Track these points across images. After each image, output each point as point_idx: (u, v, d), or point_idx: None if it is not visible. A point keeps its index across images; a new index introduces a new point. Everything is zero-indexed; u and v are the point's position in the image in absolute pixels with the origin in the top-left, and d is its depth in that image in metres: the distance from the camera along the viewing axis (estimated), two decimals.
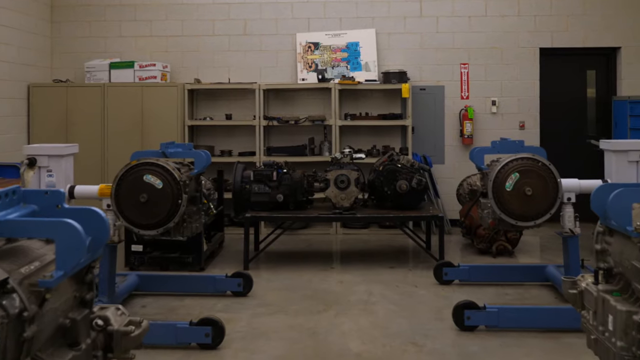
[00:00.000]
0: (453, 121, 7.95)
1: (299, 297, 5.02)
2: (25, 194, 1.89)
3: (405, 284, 5.38)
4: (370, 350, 3.90)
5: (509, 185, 4.27)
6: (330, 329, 4.27)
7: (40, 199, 1.88)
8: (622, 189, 2.23)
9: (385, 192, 6.04)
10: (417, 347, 3.94)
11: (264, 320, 4.45)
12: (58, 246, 1.68)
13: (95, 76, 7.70)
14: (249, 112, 7.85)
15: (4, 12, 7.04)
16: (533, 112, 7.94)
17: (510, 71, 7.95)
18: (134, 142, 7.37)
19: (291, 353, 3.85)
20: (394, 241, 7.12)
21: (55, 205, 1.86)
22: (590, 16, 7.92)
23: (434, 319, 4.44)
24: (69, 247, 1.68)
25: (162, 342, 3.86)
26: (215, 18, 8.09)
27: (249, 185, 6.01)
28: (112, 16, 8.13)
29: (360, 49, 7.92)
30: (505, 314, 4.18)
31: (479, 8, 7.95)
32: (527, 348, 3.88)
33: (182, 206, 4.03)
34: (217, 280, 4.99)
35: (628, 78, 7.93)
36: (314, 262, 6.19)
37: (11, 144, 7.21)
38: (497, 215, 4.43)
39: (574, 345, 3.88)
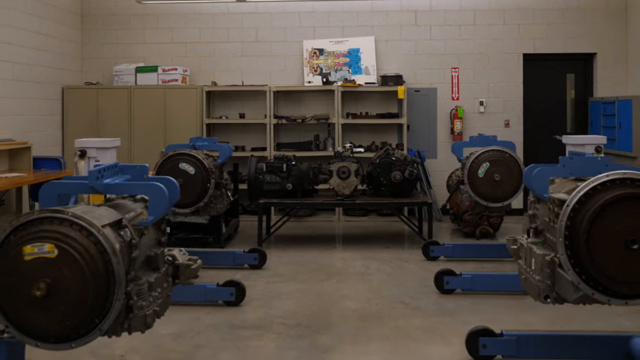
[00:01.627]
0: (445, 120, 8.79)
1: (306, 269, 5.88)
2: (122, 167, 2.74)
3: (398, 260, 6.24)
4: (365, 307, 4.75)
5: (480, 173, 5.13)
6: (332, 293, 5.13)
7: (132, 171, 2.73)
8: (541, 168, 3.07)
9: (381, 181, 6.90)
10: (404, 305, 4.79)
11: (277, 286, 5.31)
12: (150, 201, 2.53)
13: (122, 79, 8.58)
14: (260, 111, 8.71)
15: (41, 22, 7.91)
16: (517, 111, 8.78)
17: (497, 75, 8.78)
18: (158, 139, 8.25)
19: (300, 308, 4.71)
20: (390, 227, 7.97)
21: (142, 175, 2.71)
22: (569, 25, 8.75)
23: (419, 286, 5.29)
24: (157, 201, 2.52)
25: (194, 300, 4.72)
26: (230, 26, 8.95)
27: (262, 176, 6.87)
28: (136, 24, 9.01)
29: (361, 54, 8.77)
30: (477, 279, 5.02)
31: (468, 18, 8.78)
32: (493, 306, 4.72)
33: (210, 189, 4.90)
34: (236, 255, 5.85)
35: (603, 81, 8.77)
36: (319, 243, 7.05)
37: (48, 140, 8.09)
38: (472, 198, 5.28)
39: (531, 304, 4.68)
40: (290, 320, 4.45)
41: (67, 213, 2.14)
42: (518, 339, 3.67)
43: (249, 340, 4.05)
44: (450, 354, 3.81)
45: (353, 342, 4.03)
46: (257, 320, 4.45)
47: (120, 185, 2.55)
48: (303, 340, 4.05)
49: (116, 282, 2.15)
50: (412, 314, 4.57)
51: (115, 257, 2.16)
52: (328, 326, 4.32)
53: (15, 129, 7.31)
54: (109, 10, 9.01)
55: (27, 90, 7.60)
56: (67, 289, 2.11)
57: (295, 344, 3.99)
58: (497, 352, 3.68)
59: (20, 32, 7.41)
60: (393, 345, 3.97)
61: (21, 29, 7.43)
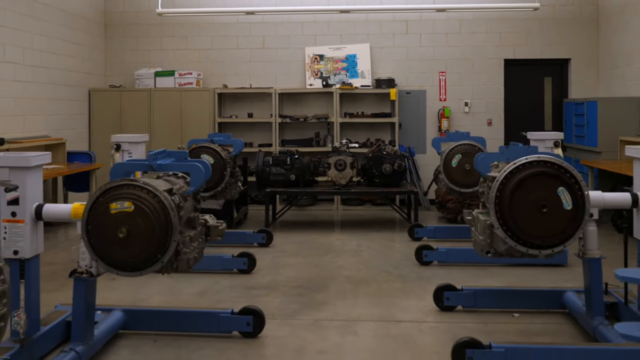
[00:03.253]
0: (433, 119, 9.73)
1: (307, 247, 6.82)
2: (169, 152, 3.69)
3: (387, 240, 7.18)
4: (355, 274, 5.69)
5: (454, 163, 6.07)
6: (329, 264, 6.07)
7: (176, 155, 3.68)
8: (484, 155, 4.02)
9: (373, 173, 7.83)
10: (388, 273, 5.73)
11: (282, 259, 6.26)
12: (192, 176, 3.47)
13: (143, 82, 9.54)
14: (266, 111, 9.66)
15: (70, 32, 8.87)
16: (499, 111, 9.71)
17: (480, 78, 9.72)
18: (175, 136, 9.21)
19: (301, 275, 5.65)
20: (383, 214, 8.91)
21: (184, 158, 3.66)
22: (546, 33, 9.68)
23: (402, 259, 6.22)
24: (196, 176, 3.47)
25: (212, 268, 5.66)
26: (239, 34, 9.91)
27: (268, 168, 7.82)
28: (154, 33, 9.97)
29: (357, 60, 9.72)
30: (451, 253, 5.96)
31: (454, 27, 9.72)
32: (463, 274, 5.65)
33: (226, 176, 5.84)
34: (246, 235, 6.80)
35: (576, 84, 9.69)
36: (319, 228, 7.99)
37: (77, 137, 9.05)
38: (448, 185, 6.22)
39: (495, 273, 5.66)
40: (293, 283, 5.40)
41: (140, 181, 3.07)
42: (475, 293, 4.63)
43: (260, 297, 4.99)
44: (421, 306, 4.75)
45: (343, 298, 4.98)
46: (266, 283, 5.39)
47: (170, 165, 3.49)
48: (303, 297, 4.99)
49: (173, 229, 3.08)
50: (394, 280, 5.51)
51: (172, 212, 3.09)
52: (324, 287, 5.26)
53: (51, 127, 8.28)
54: (129, 20, 9.98)
55: (60, 92, 8.56)
56: (140, 233, 3.04)
57: (296, 299, 4.94)
58: (458, 303, 4.63)
59: (54, 41, 8.37)
60: (376, 300, 4.91)
61: (55, 38, 8.40)
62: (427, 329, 4.26)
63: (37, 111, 7.95)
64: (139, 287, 5.28)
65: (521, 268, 5.80)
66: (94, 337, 3.68)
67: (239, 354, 3.81)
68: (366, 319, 4.48)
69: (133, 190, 3.05)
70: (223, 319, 4.07)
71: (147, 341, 4.03)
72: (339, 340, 4.06)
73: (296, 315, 4.55)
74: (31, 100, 7.81)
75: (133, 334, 4.13)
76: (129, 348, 3.93)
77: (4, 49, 7.19)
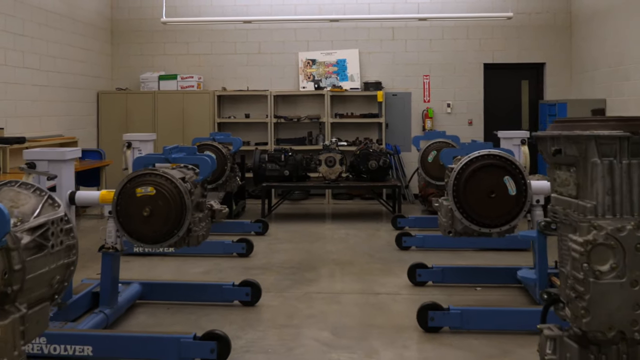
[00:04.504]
0: (417, 119, 10.46)
1: (299, 235, 7.53)
2: (181, 148, 4.40)
3: (372, 230, 7.89)
4: (342, 257, 6.41)
5: (430, 159, 6.80)
6: (319, 249, 6.79)
7: (187, 150, 4.38)
8: (448, 150, 4.74)
9: (361, 169, 8.55)
10: (370, 256, 6.46)
11: (277, 245, 6.97)
12: (201, 167, 4.19)
13: (147, 85, 10.25)
14: (262, 112, 10.37)
15: (80, 39, 9.57)
16: (479, 112, 10.44)
17: (461, 81, 10.45)
18: (177, 135, 9.91)
19: (293, 258, 6.37)
20: (370, 208, 9.63)
21: (193, 152, 4.36)
22: (523, 39, 10.42)
23: (385, 245, 6.94)
24: (205, 167, 4.18)
25: (214, 252, 6.38)
26: (237, 40, 10.62)
27: (264, 164, 8.52)
28: (158, 39, 10.67)
29: (347, 64, 10.44)
30: (428, 239, 6.68)
31: (437, 33, 10.45)
32: (437, 257, 6.35)
33: (227, 171, 6.56)
34: (244, 224, 7.51)
35: (551, 86, 10.44)
36: (311, 219, 8.71)
37: (87, 136, 9.75)
38: (425, 179, 6.95)
39: (466, 256, 6.39)
40: (286, 265, 6.11)
41: (160, 170, 3.77)
42: (443, 270, 5.35)
43: (257, 275, 5.70)
44: (397, 282, 5.46)
45: (330, 276, 5.70)
46: (262, 265, 6.11)
47: (183, 158, 4.21)
48: (295, 275, 5.71)
49: (187, 210, 3.78)
50: (376, 261, 6.23)
51: (186, 196, 3.80)
52: (313, 268, 5.98)
53: (63, 127, 8.97)
54: (134, 27, 10.68)
55: (71, 95, 9.26)
56: (160, 213, 3.74)
57: (289, 277, 5.65)
58: (429, 279, 5.35)
59: (66, 48, 9.07)
60: (358, 278, 5.63)
61: (67, 45, 9.09)
62: (400, 300, 4.98)
63: (51, 112, 8.64)
64: (150, 268, 5.99)
65: (490, 252, 6.52)
66: (118, 304, 4.39)
67: (240, 318, 4.52)
68: (349, 292, 5.20)
69: (154, 178, 3.76)
70: (226, 290, 4.79)
71: (162, 309, 4.74)
72: (325, 308, 4.78)
73: (288, 290, 5.26)
74: (47, 103, 8.50)
75: (149, 303, 4.84)
76: (146, 314, 4.64)
77: (23, 56, 7.88)
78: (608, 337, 2.13)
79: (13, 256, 2.19)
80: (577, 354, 2.19)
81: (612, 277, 2.13)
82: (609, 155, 2.25)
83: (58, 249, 2.44)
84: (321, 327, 4.33)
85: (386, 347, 3.96)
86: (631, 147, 2.23)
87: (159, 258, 6.37)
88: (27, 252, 2.27)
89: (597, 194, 2.24)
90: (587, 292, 2.14)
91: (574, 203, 2.34)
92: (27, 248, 2.27)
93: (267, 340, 4.09)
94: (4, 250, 2.15)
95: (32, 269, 2.28)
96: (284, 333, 4.23)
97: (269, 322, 4.44)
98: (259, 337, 4.15)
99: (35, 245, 2.33)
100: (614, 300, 2.12)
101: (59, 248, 2.45)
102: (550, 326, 2.32)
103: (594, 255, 2.14)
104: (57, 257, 2.45)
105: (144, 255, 6.37)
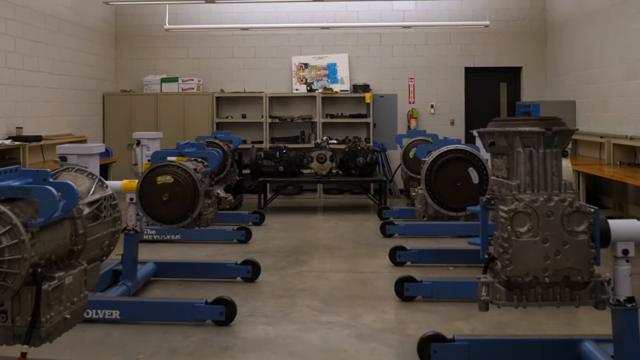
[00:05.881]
0: (403, 119, 11.19)
1: (293, 225, 8.24)
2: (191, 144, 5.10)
3: (360, 220, 8.61)
4: (331, 243, 7.13)
5: (411, 155, 7.52)
6: (311, 236, 7.50)
7: (197, 145, 5.09)
8: (423, 145, 5.46)
9: (349, 165, 9.27)
10: (357, 242, 7.17)
11: (273, 234, 7.68)
12: (209, 160, 4.89)
13: (150, 87, 10.93)
14: (258, 112, 11.07)
15: (88, 44, 10.24)
16: (460, 113, 11.19)
17: (444, 84, 11.19)
18: (178, 135, 10.59)
19: (288, 244, 7.08)
20: (359, 202, 10.35)
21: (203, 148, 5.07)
22: (501, 44, 11.17)
23: (371, 233, 7.66)
24: (212, 161, 4.88)
25: (216, 239, 7.08)
26: (234, 45, 11.31)
27: (260, 161, 9.23)
28: (160, 44, 11.35)
29: (337, 68, 11.16)
30: (409, 227, 7.40)
31: (421, 39, 11.18)
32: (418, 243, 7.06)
33: (228, 165, 7.26)
34: (243, 215, 8.21)
35: (527, 89, 11.20)
36: (304, 212, 9.42)
37: (94, 135, 10.42)
38: (407, 173, 7.67)
39: (443, 242, 7.11)
40: (282, 249, 6.82)
41: (176, 162, 4.47)
42: (420, 252, 6.07)
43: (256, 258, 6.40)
44: (380, 263, 6.18)
45: (320, 258, 6.41)
46: (260, 249, 6.82)
47: (194, 152, 4.91)
48: (289, 258, 6.42)
49: (199, 195, 4.48)
50: (361, 247, 6.95)
51: (200, 183, 4.51)
52: (306, 252, 6.69)
53: (73, 126, 9.64)
54: (137, 33, 11.35)
55: (80, 96, 9.93)
56: (177, 198, 4.44)
57: (284, 259, 6.36)
58: (408, 260, 6.07)
59: (75, 53, 9.75)
60: (345, 259, 6.35)
61: (76, 50, 9.77)
62: (381, 277, 5.70)
63: (62, 113, 9.31)
64: (159, 253, 6.67)
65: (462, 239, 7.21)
66: (137, 278, 5.08)
67: (242, 291, 5.22)
68: (337, 271, 5.91)
69: (172, 169, 4.47)
70: (229, 268, 5.49)
71: (173, 284, 5.44)
72: (315, 283, 5.49)
73: (284, 269, 5.98)
74: (58, 104, 9.18)
75: (163, 280, 5.53)
76: (160, 288, 5.34)
77: (38, 61, 8.56)
78: (525, 281, 2.86)
79: (78, 223, 2.88)
80: (504, 295, 2.92)
81: (529, 236, 2.86)
82: (529, 146, 2.98)
83: (108, 220, 3.13)
84: (313, 298, 5.04)
85: (368, 312, 4.68)
86: (545, 140, 2.96)
87: (166, 245, 7.06)
88: (87, 220, 2.96)
89: (520, 175, 2.96)
90: (510, 247, 2.86)
91: (505, 183, 3.06)
92: (87, 217, 2.96)
93: (266, 307, 4.80)
94: (71, 218, 2.85)
95: (90, 234, 2.97)
96: (281, 302, 4.94)
97: (267, 294, 5.15)
98: (260, 305, 4.86)
99: (92, 215, 3.03)
100: (529, 254, 2.85)
101: (109, 219, 3.14)
102: (486, 276, 3.04)
103: (516, 220, 2.87)
104: (107, 226, 3.14)
105: (152, 242, 7.06)
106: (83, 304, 2.86)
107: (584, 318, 4.52)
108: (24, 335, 2.52)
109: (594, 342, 3.55)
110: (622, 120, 8.11)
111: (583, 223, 2.86)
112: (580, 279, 2.86)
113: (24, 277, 2.50)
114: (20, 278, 2.49)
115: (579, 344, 3.57)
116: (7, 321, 2.56)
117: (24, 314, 2.55)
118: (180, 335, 4.17)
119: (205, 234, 7.13)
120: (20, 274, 2.48)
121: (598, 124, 8.87)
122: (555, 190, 2.93)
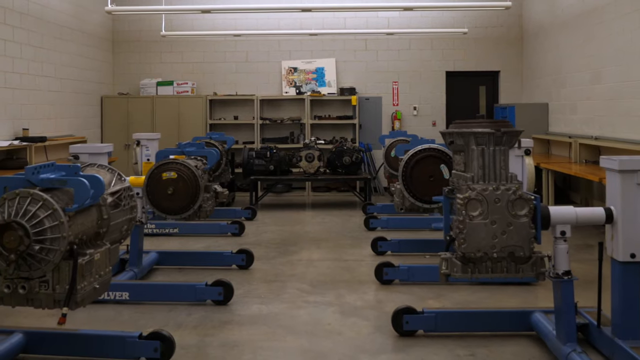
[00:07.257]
0: (387, 120, 11.78)
1: (283, 220, 8.81)
2: (191, 144, 5.64)
3: (346, 216, 9.19)
4: (319, 235, 7.69)
5: (393, 154, 8.10)
6: (299, 230, 8.07)
7: (196, 145, 5.63)
8: (401, 145, 6.04)
9: (336, 164, 9.84)
10: (343, 235, 7.75)
11: (264, 227, 8.24)
12: (208, 158, 5.44)
13: (146, 90, 11.45)
14: (249, 114, 11.62)
15: (87, 49, 10.74)
16: (441, 114, 11.79)
17: (426, 87, 11.79)
18: (173, 136, 11.11)
19: (279, 237, 7.64)
20: (345, 199, 10.93)
21: (202, 147, 5.61)
22: (480, 50, 11.79)
23: (355, 227, 8.24)
24: (211, 159, 5.43)
25: (211, 232, 7.63)
26: (227, 50, 11.86)
27: (252, 160, 9.77)
28: (155, 48, 11.87)
29: (325, 71, 11.73)
30: (391, 221, 7.97)
31: (404, 44, 11.78)
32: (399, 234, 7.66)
33: (222, 164, 7.81)
34: (236, 210, 8.75)
35: (505, 92, 11.83)
36: (293, 208, 9.98)
37: (92, 136, 10.92)
38: (389, 171, 8.26)
39: (422, 234, 7.70)
40: (273, 241, 7.38)
41: (179, 160, 5.02)
42: (399, 242, 6.65)
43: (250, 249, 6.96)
44: (362, 252, 6.75)
45: (309, 249, 6.98)
46: (253, 241, 7.37)
47: (194, 151, 5.46)
48: (280, 249, 6.98)
49: (200, 189, 5.04)
50: (346, 238, 7.53)
51: (200, 179, 5.07)
52: (295, 243, 7.26)
53: (73, 128, 10.15)
54: (134, 38, 11.87)
55: (79, 99, 10.44)
56: (181, 191, 4.99)
57: (275, 250, 6.92)
58: (388, 249, 6.63)
59: (75, 57, 10.25)
60: (331, 249, 6.92)
61: (76, 55, 10.27)
62: (363, 264, 6.27)
63: (64, 115, 9.82)
64: (159, 245, 7.20)
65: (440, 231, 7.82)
66: (142, 265, 5.63)
67: (238, 277, 5.77)
68: (324, 259, 6.48)
69: (176, 166, 5.03)
70: (225, 257, 6.04)
71: (175, 272, 5.99)
72: (304, 270, 6.06)
73: (275, 258, 6.54)
74: (60, 106, 9.68)
75: (165, 268, 6.08)
76: (163, 275, 5.89)
77: (42, 66, 9.06)
78: (477, 256, 3.44)
79: (103, 209, 3.43)
80: (460, 268, 3.50)
81: (480, 219, 3.44)
82: (482, 144, 3.56)
83: (126, 208, 3.68)
84: (301, 282, 5.61)
85: (350, 293, 5.25)
86: (495, 139, 3.55)
87: (166, 238, 7.60)
88: (110, 207, 3.51)
89: (474, 168, 3.55)
90: (465, 228, 3.44)
91: (463, 175, 3.65)
92: (110, 205, 3.51)
93: (260, 290, 5.36)
94: (98, 205, 3.40)
95: (113, 219, 3.52)
96: (273, 286, 5.50)
97: (260, 279, 5.71)
98: (254, 288, 5.42)
99: (114, 204, 3.57)
100: (480, 233, 3.43)
101: (127, 207, 3.69)
102: (446, 253, 3.62)
103: (469, 206, 3.45)
104: (126, 213, 3.69)
105: (152, 235, 7.59)
106: (108, 277, 3.41)
107: (542, 297, 5.12)
108: (64, 299, 3.07)
109: (543, 313, 4.15)
110: (588, 121, 8.74)
111: (524, 208, 3.44)
112: (522, 254, 3.45)
113: (62, 253, 3.05)
114: (60, 253, 3.03)
115: (530, 314, 4.17)
116: (48, 289, 3.10)
117: (63, 283, 3.10)
118: (184, 313, 4.72)
119: (202, 228, 7.68)
120: (60, 249, 3.03)
121: (567, 125, 9.51)
122: (503, 181, 3.52)
